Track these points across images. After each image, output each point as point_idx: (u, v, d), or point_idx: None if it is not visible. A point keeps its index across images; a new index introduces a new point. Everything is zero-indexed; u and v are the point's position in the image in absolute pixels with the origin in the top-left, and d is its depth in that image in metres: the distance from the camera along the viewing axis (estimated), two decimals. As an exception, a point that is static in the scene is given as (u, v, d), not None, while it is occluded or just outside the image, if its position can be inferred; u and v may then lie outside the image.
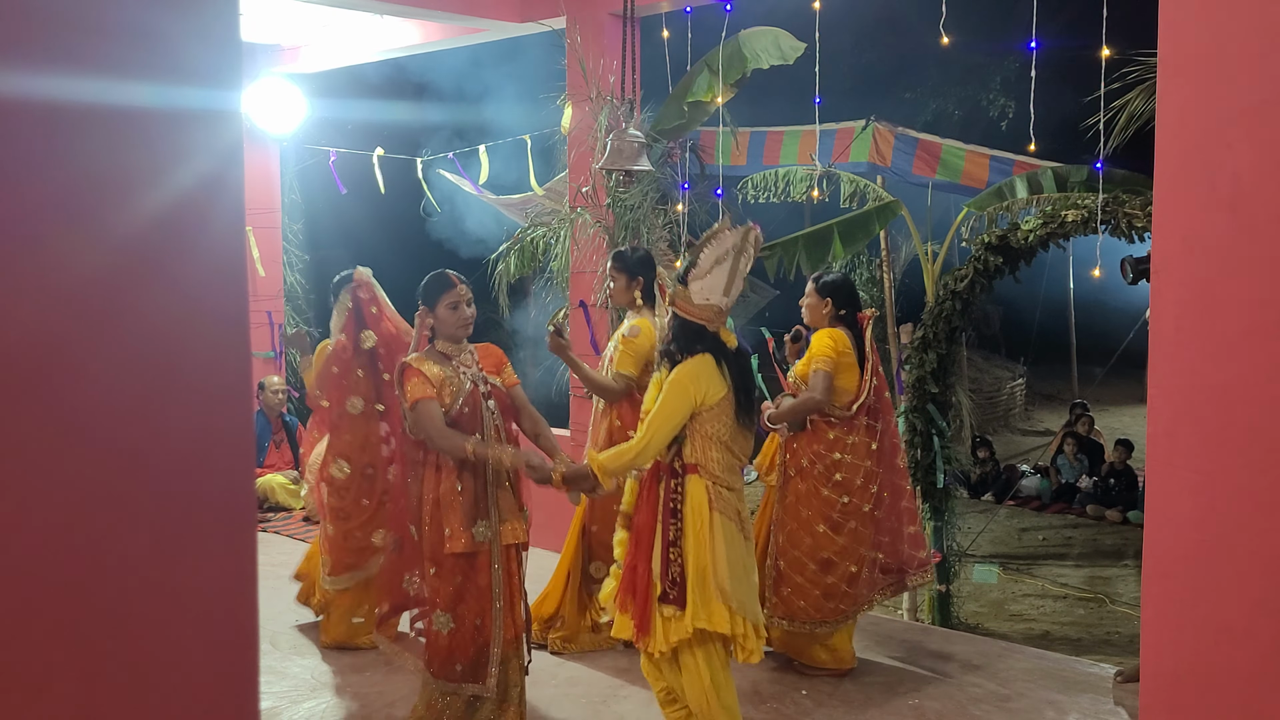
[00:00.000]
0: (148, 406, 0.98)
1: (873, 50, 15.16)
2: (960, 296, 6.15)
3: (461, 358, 3.68)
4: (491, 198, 8.45)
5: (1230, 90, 2.02)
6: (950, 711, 4.15)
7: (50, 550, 0.92)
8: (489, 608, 3.61)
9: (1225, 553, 2.07)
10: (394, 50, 7.76)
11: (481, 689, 3.63)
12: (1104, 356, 11.73)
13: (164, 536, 1.00)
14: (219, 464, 1.03)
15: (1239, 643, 2.05)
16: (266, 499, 7.43)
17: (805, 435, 4.40)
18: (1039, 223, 5.83)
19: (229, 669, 1.05)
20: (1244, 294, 2.01)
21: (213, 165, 1.01)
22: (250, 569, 1.07)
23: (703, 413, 3.36)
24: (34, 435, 0.90)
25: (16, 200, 0.88)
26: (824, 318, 4.46)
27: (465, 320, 3.67)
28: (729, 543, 3.38)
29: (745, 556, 3.44)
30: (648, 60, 5.98)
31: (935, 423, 6.14)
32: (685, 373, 3.37)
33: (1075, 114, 7.63)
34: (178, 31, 0.98)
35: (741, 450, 3.48)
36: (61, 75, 0.91)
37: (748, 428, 3.48)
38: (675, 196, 6.34)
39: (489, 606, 3.61)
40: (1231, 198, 2.01)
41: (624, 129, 5.03)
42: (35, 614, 0.91)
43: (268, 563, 6.07)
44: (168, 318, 0.99)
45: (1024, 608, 7.75)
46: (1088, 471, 10.73)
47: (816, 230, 7.40)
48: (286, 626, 5.13)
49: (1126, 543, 9.30)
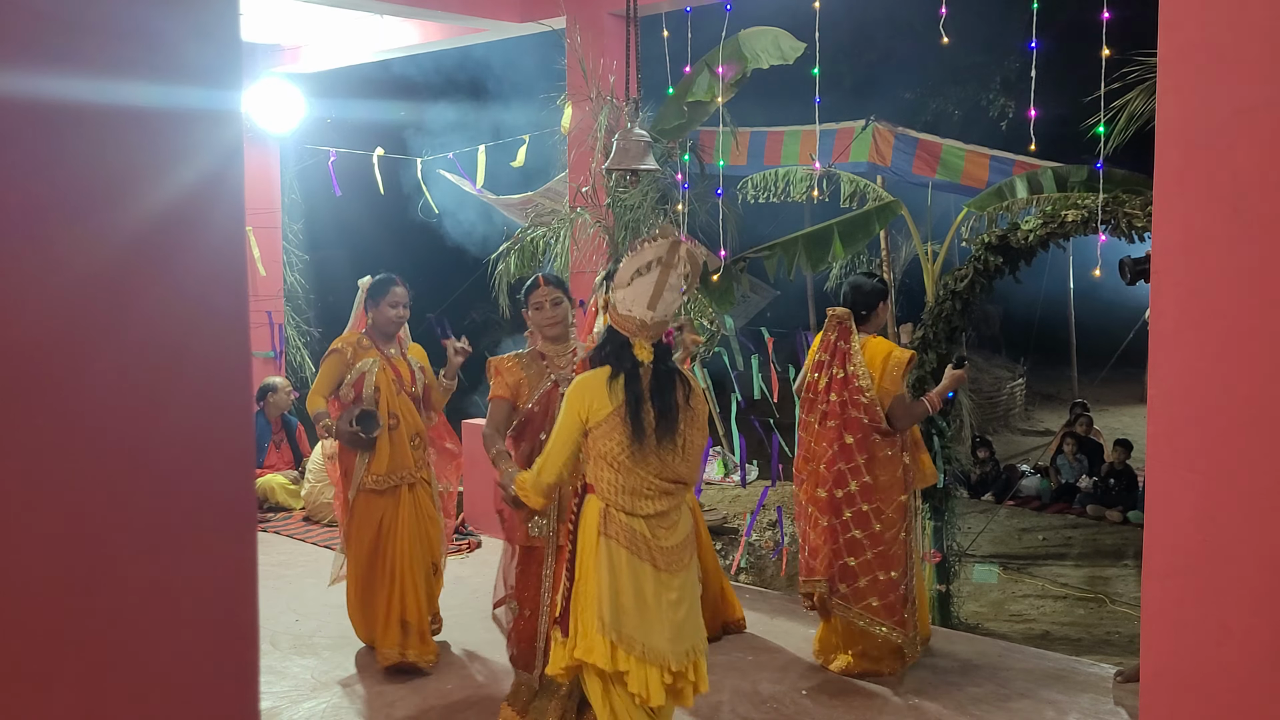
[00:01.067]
0: (147, 406, 0.98)
1: (873, 50, 15.16)
2: (960, 296, 6.15)
3: (555, 359, 3.94)
4: (491, 197, 8.46)
5: (1230, 90, 2.02)
6: (950, 711, 4.15)
7: (49, 550, 0.92)
8: (539, 602, 3.84)
9: (1225, 553, 2.06)
10: (394, 50, 7.76)
11: (530, 678, 3.86)
12: (1104, 356, 11.73)
13: (164, 536, 0.99)
14: (219, 464, 1.03)
15: (1239, 643, 2.05)
16: (266, 499, 7.43)
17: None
18: (1039, 223, 5.83)
19: (229, 669, 1.05)
20: (1244, 294, 2.01)
21: (213, 165, 1.01)
22: (250, 569, 1.07)
23: (592, 430, 3.19)
24: (33, 435, 0.90)
25: (17, 200, 0.88)
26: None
27: (548, 320, 3.94)
28: (614, 571, 3.16)
29: (648, 587, 3.17)
30: (648, 60, 5.98)
31: (935, 423, 6.14)
32: (574, 386, 3.24)
33: (1075, 114, 7.63)
34: (178, 31, 0.98)
35: (654, 472, 3.17)
36: (61, 75, 0.91)
37: (658, 447, 3.17)
38: (675, 196, 6.34)
39: (539, 601, 3.84)
40: (1231, 198, 2.01)
41: (630, 129, 5.02)
42: (35, 614, 0.91)
43: (268, 563, 6.07)
44: (168, 318, 0.99)
45: (1024, 608, 7.75)
46: (1087, 471, 10.73)
47: (816, 230, 7.39)
48: (286, 626, 5.13)
49: (1126, 543, 9.30)
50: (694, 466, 3.27)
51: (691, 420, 3.25)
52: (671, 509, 3.24)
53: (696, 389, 3.30)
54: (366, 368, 4.58)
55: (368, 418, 4.45)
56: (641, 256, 3.20)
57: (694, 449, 3.26)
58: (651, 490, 3.19)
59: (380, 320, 4.66)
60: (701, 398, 3.31)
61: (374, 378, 4.57)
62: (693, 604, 3.27)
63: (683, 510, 3.30)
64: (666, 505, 3.22)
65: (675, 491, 3.24)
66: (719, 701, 4.23)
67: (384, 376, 4.60)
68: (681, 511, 3.29)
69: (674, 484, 3.22)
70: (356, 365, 4.59)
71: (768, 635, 4.97)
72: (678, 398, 3.22)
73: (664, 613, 3.18)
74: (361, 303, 4.75)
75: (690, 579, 3.28)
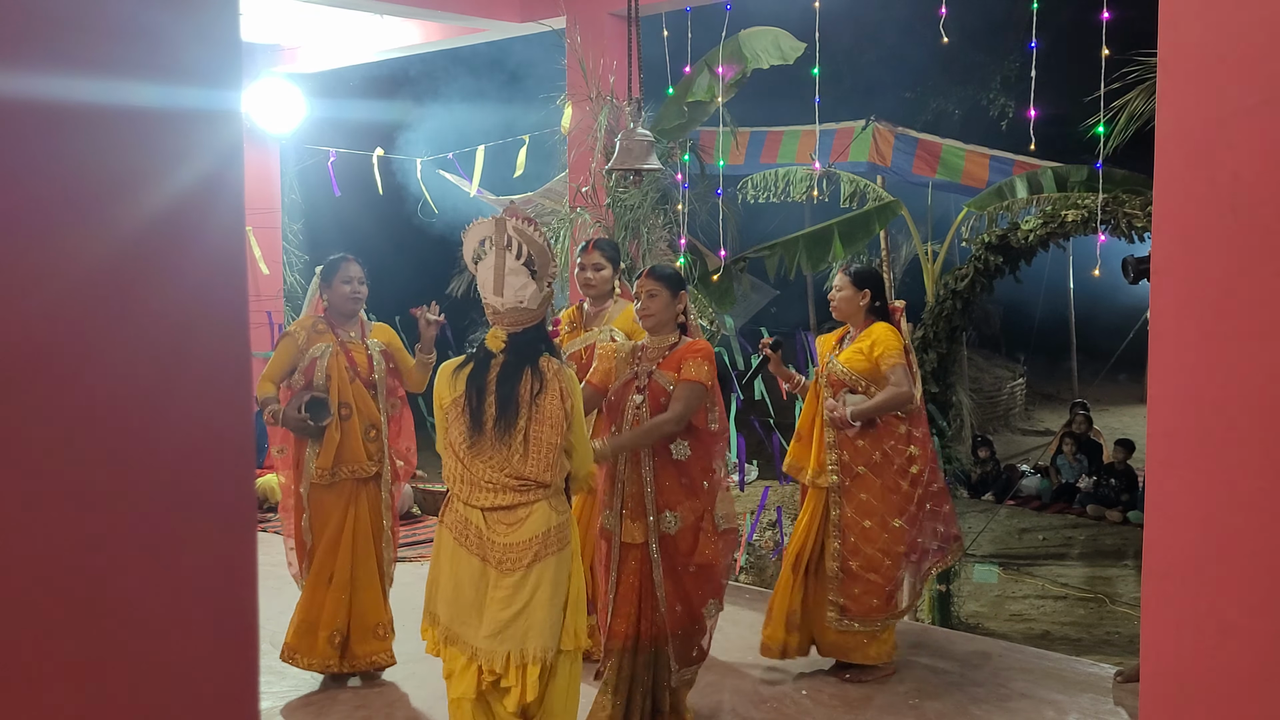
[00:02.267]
0: (147, 406, 0.98)
1: (873, 50, 15.15)
2: (960, 296, 6.15)
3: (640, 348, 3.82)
4: (491, 198, 8.46)
5: (1230, 90, 2.02)
6: (950, 711, 4.15)
7: (48, 550, 0.92)
8: (602, 598, 3.78)
9: (1225, 553, 2.06)
10: (394, 50, 7.77)
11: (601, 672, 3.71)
12: (1104, 356, 11.73)
13: (163, 536, 0.99)
14: (219, 464, 1.03)
15: (1240, 642, 2.05)
16: (266, 499, 7.42)
17: (876, 431, 4.27)
18: (1039, 223, 5.83)
19: (229, 669, 1.05)
20: (1244, 294, 2.01)
21: (213, 165, 1.01)
22: (250, 569, 1.07)
23: (441, 417, 3.18)
24: (32, 435, 0.90)
25: (16, 200, 0.88)
26: (860, 310, 4.33)
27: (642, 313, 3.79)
28: (438, 557, 3.16)
29: (468, 578, 3.11)
30: (647, 60, 5.98)
31: (935, 422, 6.15)
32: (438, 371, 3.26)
33: (1075, 114, 7.63)
34: (178, 31, 0.98)
35: (494, 465, 3.09)
36: (61, 75, 0.91)
37: (494, 439, 3.09)
38: (675, 196, 6.34)
39: (602, 597, 3.78)
40: (1231, 198, 2.01)
41: (632, 129, 5.02)
42: (34, 614, 0.91)
43: (268, 563, 6.06)
44: (167, 318, 0.99)
45: (1024, 608, 7.75)
46: (1087, 471, 10.73)
47: (816, 230, 7.40)
48: (286, 626, 5.12)
49: (1126, 543, 9.30)
50: (542, 466, 3.10)
51: (539, 418, 3.09)
52: (518, 505, 3.09)
53: (554, 387, 3.11)
54: (318, 353, 4.31)
55: (317, 404, 4.23)
56: (471, 239, 3.14)
57: (541, 447, 3.08)
58: (491, 484, 3.09)
59: (336, 300, 4.38)
60: (558, 396, 3.11)
61: (325, 364, 4.31)
62: (530, 608, 3.07)
63: (536, 510, 3.10)
64: (510, 500, 3.09)
65: (522, 489, 3.09)
66: (719, 701, 4.23)
67: (336, 363, 4.32)
68: (533, 511, 3.10)
69: (519, 481, 3.08)
70: (309, 351, 4.33)
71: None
72: (520, 392, 3.08)
73: (487, 608, 3.08)
74: (316, 286, 4.49)
75: (532, 582, 3.08)
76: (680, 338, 3.72)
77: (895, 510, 4.26)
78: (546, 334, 3.25)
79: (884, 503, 4.27)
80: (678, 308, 3.72)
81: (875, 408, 4.20)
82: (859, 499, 4.30)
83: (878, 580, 4.27)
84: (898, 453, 4.28)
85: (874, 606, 4.30)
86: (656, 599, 3.66)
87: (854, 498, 4.31)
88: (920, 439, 4.32)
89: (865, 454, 4.29)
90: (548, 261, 3.13)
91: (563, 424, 3.11)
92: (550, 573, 3.10)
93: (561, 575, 3.14)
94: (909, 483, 4.28)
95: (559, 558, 3.13)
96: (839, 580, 4.30)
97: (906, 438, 4.28)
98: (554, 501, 3.16)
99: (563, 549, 3.15)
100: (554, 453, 3.11)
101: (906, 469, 4.29)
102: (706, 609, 3.73)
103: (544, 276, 3.13)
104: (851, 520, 4.30)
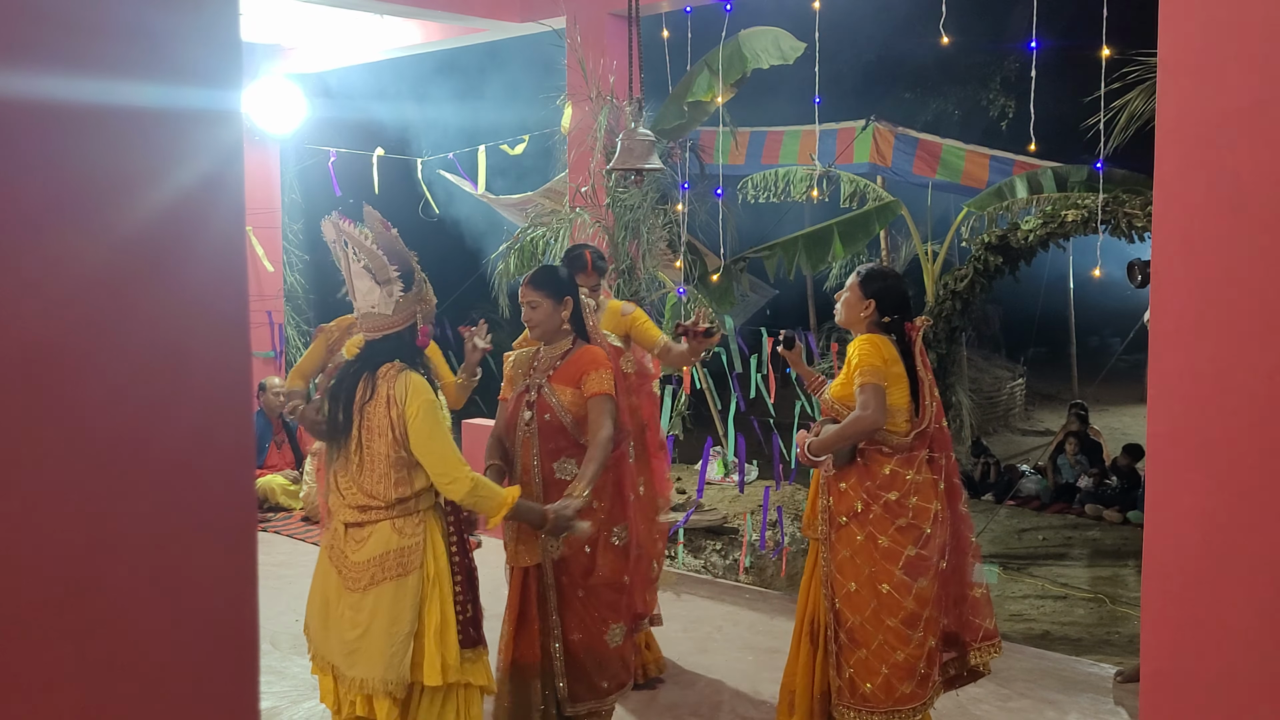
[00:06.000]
0: (147, 406, 0.98)
1: (873, 50, 15.15)
2: (960, 296, 6.15)
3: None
4: (491, 198, 8.46)
5: (1230, 90, 2.02)
6: (950, 711, 4.14)
7: (49, 550, 0.92)
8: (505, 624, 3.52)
9: (1225, 553, 2.06)
10: (394, 50, 7.77)
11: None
12: (1104, 356, 11.73)
13: (164, 536, 1.00)
14: (219, 464, 1.03)
15: (1239, 643, 2.05)
16: (266, 499, 7.43)
17: (855, 471, 3.45)
18: (1039, 223, 5.83)
19: (229, 669, 1.05)
20: (1244, 294, 2.01)
21: (213, 165, 1.01)
22: (250, 569, 1.07)
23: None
24: (33, 435, 0.90)
25: (16, 200, 0.88)
26: (861, 322, 3.55)
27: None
28: (318, 574, 3.04)
29: (331, 594, 2.97)
30: (648, 60, 5.98)
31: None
32: None
33: (1075, 114, 7.63)
34: (178, 31, 0.98)
35: (346, 478, 2.96)
36: (61, 75, 0.91)
37: (342, 453, 2.97)
38: (675, 196, 6.35)
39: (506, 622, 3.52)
40: (1231, 198, 2.01)
41: (634, 128, 5.02)
42: (35, 614, 0.91)
43: (268, 563, 6.07)
44: (168, 318, 0.99)
45: (1024, 608, 7.75)
46: (1087, 471, 10.74)
47: (816, 230, 7.41)
48: (286, 626, 5.13)
49: (1126, 543, 9.30)
50: (375, 478, 2.92)
51: (368, 426, 2.92)
52: (365, 522, 2.93)
53: (382, 393, 2.92)
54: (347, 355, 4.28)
55: None
56: (326, 238, 3.04)
57: (374, 459, 2.91)
58: (344, 497, 2.96)
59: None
60: (384, 403, 2.91)
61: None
62: (368, 634, 2.89)
63: (378, 530, 2.92)
64: (356, 517, 2.94)
65: (365, 506, 2.92)
66: (719, 701, 4.23)
67: None
68: (375, 530, 2.92)
69: (366, 496, 2.92)
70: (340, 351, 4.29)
71: (768, 635, 4.96)
72: (355, 400, 2.95)
73: (339, 627, 2.94)
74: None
75: (369, 606, 2.89)
76: (575, 343, 3.50)
77: (882, 573, 3.39)
78: (409, 342, 3.02)
79: (868, 561, 3.41)
80: (563, 314, 3.46)
81: (833, 439, 3.42)
82: (840, 557, 3.47)
83: (867, 658, 3.42)
84: (875, 497, 3.42)
85: (868, 693, 3.42)
86: (550, 624, 3.44)
87: (837, 553, 3.49)
88: (919, 486, 3.42)
89: (847, 501, 3.46)
90: (385, 266, 2.92)
91: (390, 433, 2.89)
92: (386, 600, 2.87)
93: (402, 604, 2.88)
94: (894, 536, 3.39)
95: (398, 584, 2.88)
96: (834, 656, 3.51)
97: (891, 480, 3.40)
98: (400, 522, 2.92)
99: (404, 575, 2.89)
100: (385, 464, 2.89)
101: (891, 520, 3.40)
102: (610, 634, 3.43)
103: (390, 283, 2.93)
104: (835, 581, 3.49)
